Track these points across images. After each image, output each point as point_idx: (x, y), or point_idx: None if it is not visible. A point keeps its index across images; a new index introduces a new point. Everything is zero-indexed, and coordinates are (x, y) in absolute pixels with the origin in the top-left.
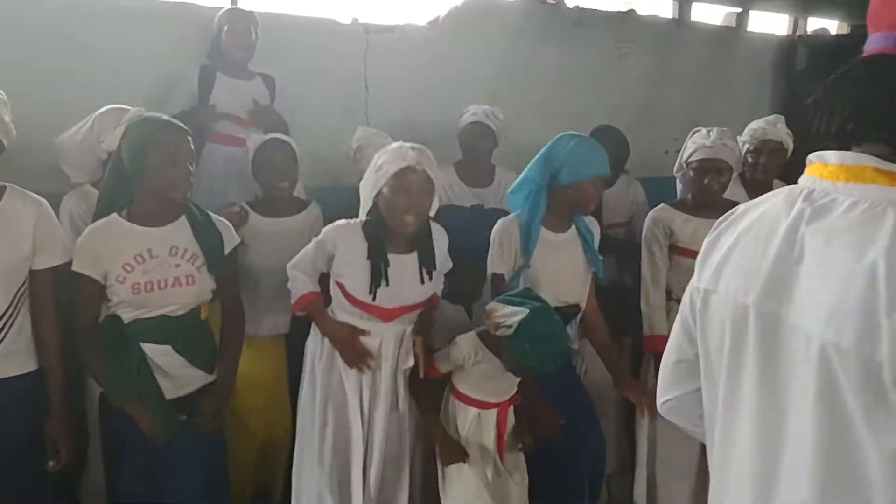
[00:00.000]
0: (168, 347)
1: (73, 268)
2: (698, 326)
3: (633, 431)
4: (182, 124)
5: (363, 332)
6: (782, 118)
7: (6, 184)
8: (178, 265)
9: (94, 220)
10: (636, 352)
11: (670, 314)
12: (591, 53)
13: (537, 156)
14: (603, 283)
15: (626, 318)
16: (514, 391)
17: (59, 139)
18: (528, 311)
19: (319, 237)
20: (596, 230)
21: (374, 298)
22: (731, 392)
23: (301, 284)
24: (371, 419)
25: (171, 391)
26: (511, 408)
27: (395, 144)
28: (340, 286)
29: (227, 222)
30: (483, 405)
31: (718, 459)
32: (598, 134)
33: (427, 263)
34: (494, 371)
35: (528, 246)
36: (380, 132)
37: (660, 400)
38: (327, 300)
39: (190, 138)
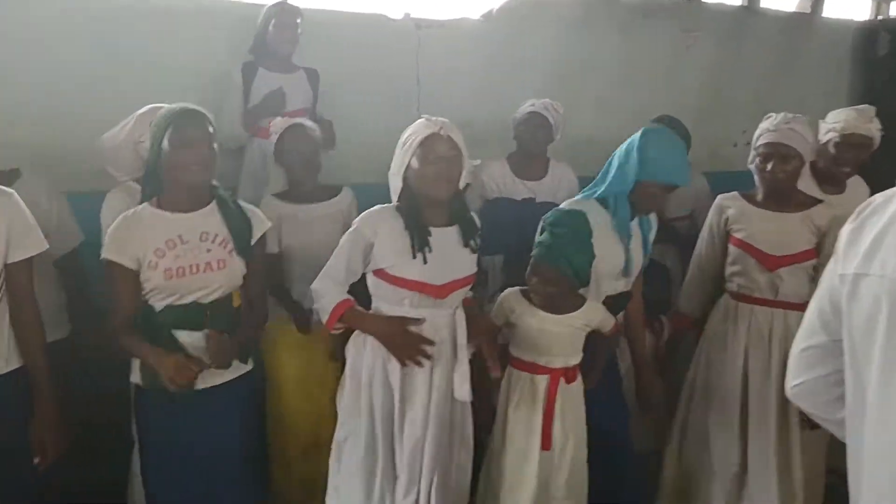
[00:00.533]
0: (201, 334)
1: (104, 255)
2: (844, 312)
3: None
4: (200, 110)
5: (415, 322)
6: (873, 109)
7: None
8: (209, 250)
9: None
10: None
11: (720, 305)
12: (655, 44)
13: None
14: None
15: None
16: (575, 360)
17: (101, 139)
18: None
19: (354, 228)
20: (654, 223)
21: (424, 262)
22: (887, 372)
23: (329, 297)
24: (428, 412)
25: (204, 379)
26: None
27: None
28: (386, 274)
29: (257, 209)
30: (536, 369)
31: (871, 442)
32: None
33: (469, 233)
34: (541, 324)
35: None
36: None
37: (789, 384)
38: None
39: (208, 124)
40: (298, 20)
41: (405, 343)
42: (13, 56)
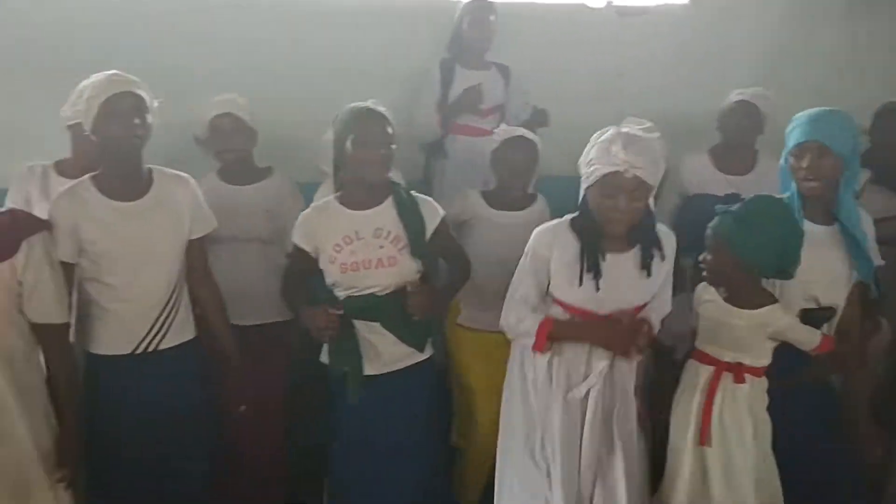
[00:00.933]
0: (377, 325)
1: (293, 239)
2: None
3: None
4: (380, 111)
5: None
6: None
7: (150, 166)
8: (381, 247)
9: None
10: None
11: None
12: (884, 29)
13: None
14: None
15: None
16: (748, 360)
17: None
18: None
19: (531, 249)
20: (869, 228)
21: (592, 289)
22: None
23: (529, 321)
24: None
25: (380, 366)
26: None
27: (607, 135)
28: (551, 294)
29: (432, 200)
30: (702, 357)
31: None
32: (886, 114)
33: (648, 257)
34: (716, 312)
35: None
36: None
37: None
38: None
39: (387, 125)
40: (493, 17)
41: (620, 335)
42: (228, 62)
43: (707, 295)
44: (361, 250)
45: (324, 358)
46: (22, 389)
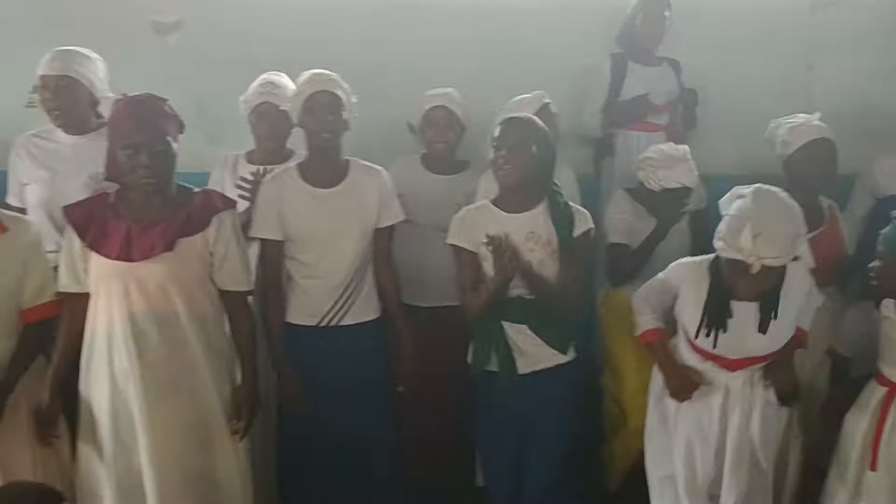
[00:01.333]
0: (524, 326)
1: (449, 240)
2: None
3: None
4: (524, 117)
5: (704, 382)
6: None
7: (349, 158)
8: (531, 250)
9: None
10: None
11: None
12: None
13: None
14: None
15: None
16: None
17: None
18: None
19: (665, 273)
20: None
21: (713, 347)
22: None
23: (645, 319)
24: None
25: (524, 366)
26: None
27: (738, 211)
28: (683, 328)
29: (585, 212)
30: (882, 379)
31: None
32: None
33: (767, 311)
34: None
35: None
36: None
37: None
38: None
39: (529, 129)
40: (667, 12)
41: (682, 391)
42: (407, 66)
43: (887, 311)
44: None
45: (469, 358)
46: (210, 350)
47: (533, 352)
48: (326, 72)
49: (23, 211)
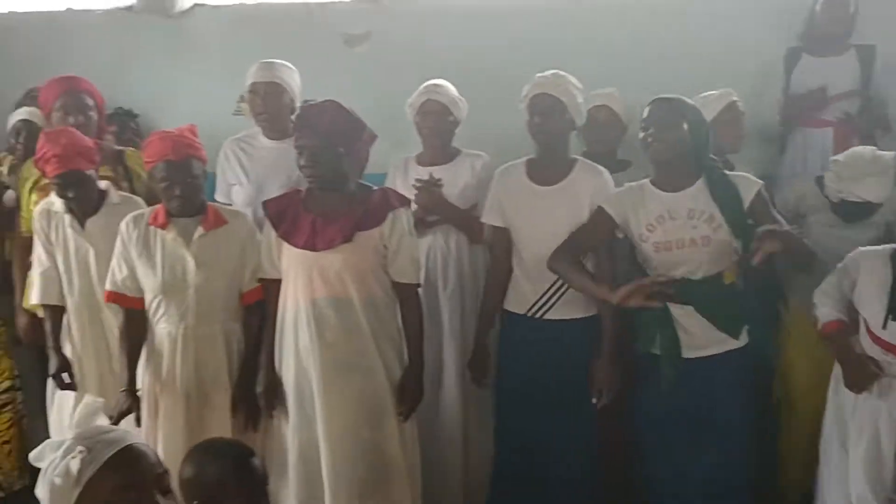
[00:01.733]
0: (690, 308)
1: (603, 204)
2: None
3: None
4: (675, 97)
5: (884, 374)
6: None
7: (576, 157)
8: (694, 227)
9: None
10: None
11: None
12: None
13: None
14: None
15: None
16: None
17: None
18: None
19: (844, 263)
20: None
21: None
22: None
23: (825, 311)
24: None
25: (690, 350)
26: None
27: None
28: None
29: (747, 174)
30: None
31: None
32: None
33: None
34: None
35: None
36: None
37: None
38: None
39: (683, 108)
40: None
41: (861, 381)
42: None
43: None
44: (674, 230)
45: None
46: (381, 335)
47: (700, 334)
48: (549, 73)
49: None
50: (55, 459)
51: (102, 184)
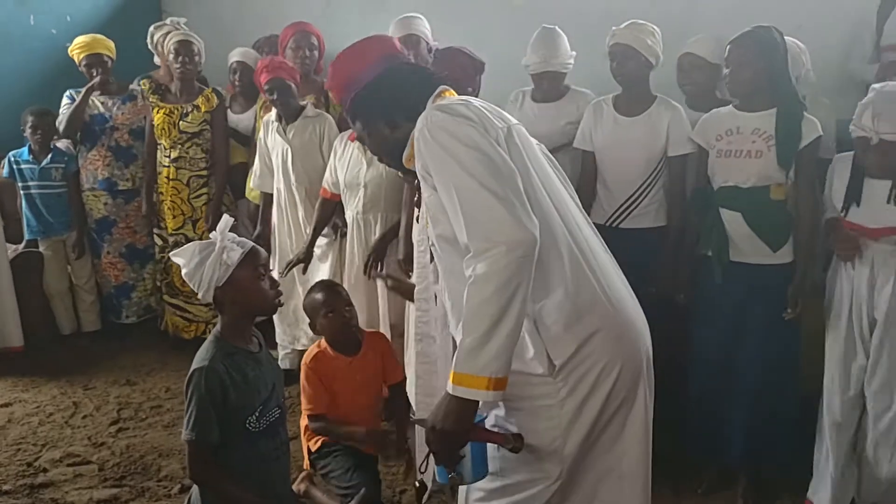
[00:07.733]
0: (738, 215)
1: (693, 136)
2: None
3: None
4: (754, 32)
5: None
6: None
7: (657, 94)
8: (753, 142)
9: None
10: None
11: None
12: None
13: None
14: None
15: None
16: None
17: None
18: None
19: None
20: None
21: (857, 218)
22: None
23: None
24: None
25: (736, 254)
26: None
27: (867, 98)
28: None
29: (816, 120)
30: None
31: None
32: None
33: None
34: None
35: None
36: None
37: None
38: None
39: (762, 41)
40: None
41: (846, 248)
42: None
43: None
44: (737, 142)
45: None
46: None
47: (743, 242)
48: (624, 24)
49: None
50: (211, 250)
51: (304, 101)
